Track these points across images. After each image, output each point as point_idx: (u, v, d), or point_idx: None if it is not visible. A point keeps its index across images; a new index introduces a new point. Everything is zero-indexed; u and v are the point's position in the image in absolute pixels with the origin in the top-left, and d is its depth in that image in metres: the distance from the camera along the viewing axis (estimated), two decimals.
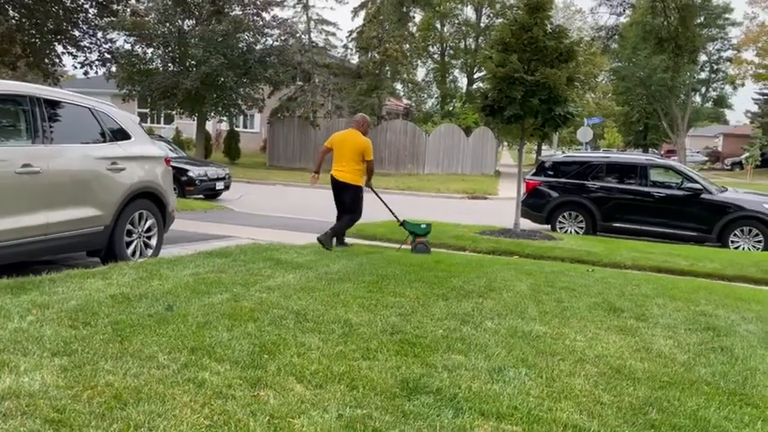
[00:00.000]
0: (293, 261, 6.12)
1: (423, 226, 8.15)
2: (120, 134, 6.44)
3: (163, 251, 6.78)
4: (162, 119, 33.05)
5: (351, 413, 2.65)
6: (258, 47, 25.22)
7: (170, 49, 24.31)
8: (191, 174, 14.37)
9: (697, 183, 11.61)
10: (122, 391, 2.71)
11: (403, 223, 8.24)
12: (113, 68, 24.34)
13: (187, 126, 30.23)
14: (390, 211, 8.39)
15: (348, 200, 7.92)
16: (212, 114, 26.34)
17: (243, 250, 6.59)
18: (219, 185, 15.16)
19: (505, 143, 44.33)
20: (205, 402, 2.66)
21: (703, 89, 50.23)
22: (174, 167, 10.95)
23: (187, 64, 23.94)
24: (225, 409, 2.61)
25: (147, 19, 23.47)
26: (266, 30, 25.41)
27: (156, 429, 2.42)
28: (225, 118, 27.96)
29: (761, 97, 49.10)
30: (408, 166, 26.97)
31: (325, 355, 3.37)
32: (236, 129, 30.62)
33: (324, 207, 14.89)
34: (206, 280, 4.96)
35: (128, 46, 24.53)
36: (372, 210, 8.51)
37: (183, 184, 14.08)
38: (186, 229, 8.98)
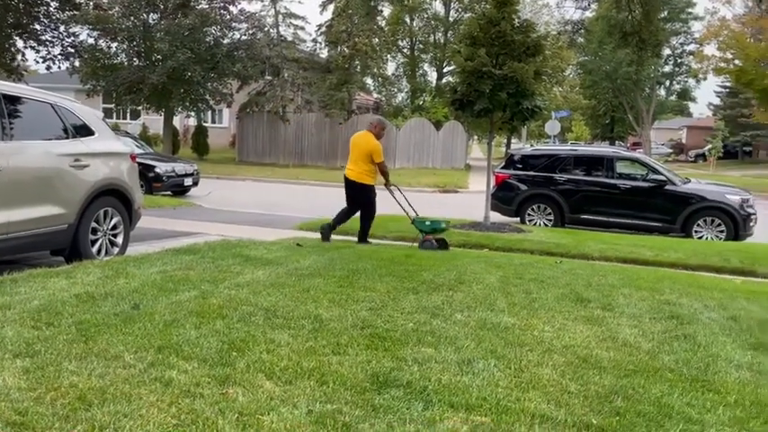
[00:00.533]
0: (263, 257, 6.08)
1: (427, 223, 8.17)
2: (84, 130, 6.30)
3: (130, 249, 6.67)
4: (128, 114, 32.45)
5: (320, 408, 2.65)
6: (226, 41, 24.91)
7: (135, 43, 23.87)
8: (158, 170, 14.15)
9: (661, 174, 11.85)
10: (87, 392, 2.66)
11: (414, 221, 8.27)
12: (77, 63, 23.83)
13: (154, 122, 29.73)
14: (404, 209, 8.39)
15: (353, 195, 8.23)
16: (180, 110, 25.96)
17: (211, 247, 6.52)
18: (188, 181, 14.96)
19: (476, 137, 44.61)
20: (172, 401, 2.63)
21: (667, 82, 51.28)
22: (140, 164, 10.79)
23: (153, 58, 23.54)
24: (192, 407, 2.58)
25: (110, 12, 22.99)
26: (234, 24, 25.10)
27: (121, 430, 2.38)
28: (193, 113, 27.58)
29: (723, 90, 50.32)
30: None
31: (294, 351, 3.36)
32: (205, 124, 30.23)
33: (294, 203, 14.86)
34: (173, 277, 4.89)
35: (91, 40, 24.05)
36: (341, 205, 8.48)
37: (151, 181, 13.86)
38: (154, 226, 8.85)
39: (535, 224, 12.00)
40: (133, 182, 6.78)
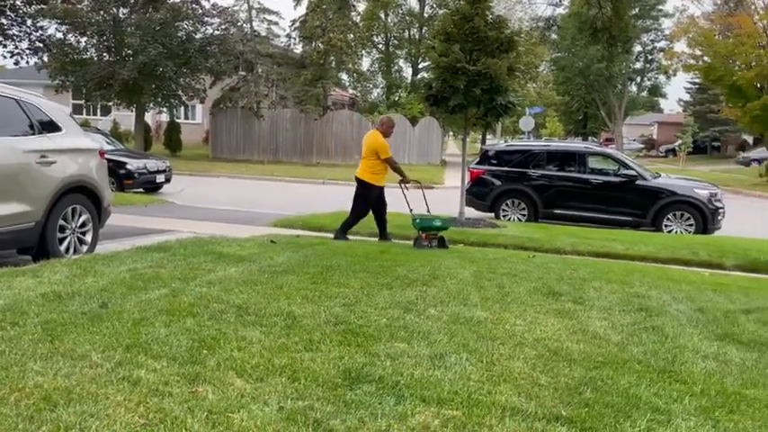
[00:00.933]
0: (235, 254, 6.02)
1: (417, 221, 7.89)
2: (51, 126, 6.17)
3: (99, 247, 6.56)
4: (98, 110, 31.90)
5: (292, 405, 2.63)
6: (198, 36, 24.60)
7: (105, 37, 23.44)
8: (129, 167, 13.94)
9: (632, 169, 12.02)
10: (52, 392, 2.61)
11: (414, 220, 8.06)
12: (45, 58, 23.35)
13: (125, 118, 29.26)
14: (410, 209, 8.26)
15: (362, 194, 8.27)
16: (151, 105, 25.58)
17: (183, 244, 6.44)
18: (160, 178, 14.77)
19: (451, 133, 44.80)
20: (140, 401, 2.59)
21: (639, 79, 51.97)
22: (111, 160, 10.63)
23: (123, 53, 23.16)
24: (161, 406, 2.55)
25: (79, 6, 22.55)
26: (206, 18, 24.79)
27: (87, 430, 2.33)
28: (165, 109, 27.20)
29: (692, 86, 51.24)
30: (356, 157, 26.70)
31: (266, 348, 3.33)
32: (177, 120, 29.84)
33: (268, 199, 14.76)
34: (143, 275, 4.82)
35: (60, 35, 23.57)
36: (316, 201, 8.44)
37: (122, 178, 13.67)
38: (124, 223, 8.72)
39: (509, 219, 12.10)
40: (102, 179, 6.67)
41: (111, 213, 7.08)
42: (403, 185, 8.39)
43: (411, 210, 8.18)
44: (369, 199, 8.26)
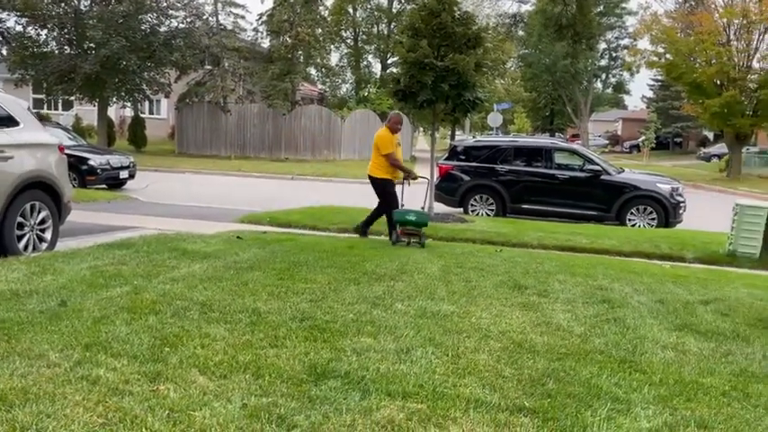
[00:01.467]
0: (200, 251, 5.94)
1: (395, 218, 7.63)
2: (8, 121, 5.99)
3: (60, 244, 6.41)
4: (60, 105, 31.12)
5: (256, 402, 2.61)
6: (163, 29, 24.14)
7: (66, 30, 22.85)
8: (91, 162, 13.64)
9: (597, 165, 12.22)
10: (8, 393, 2.54)
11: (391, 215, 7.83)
12: (4, 51, 22.68)
13: (88, 113, 28.61)
14: (401, 204, 8.11)
15: (375, 191, 8.22)
16: (115, 100, 25.04)
17: (147, 241, 6.33)
18: (124, 174, 14.49)
19: (421, 128, 44.90)
20: (99, 400, 2.54)
21: (604, 75, 52.86)
22: (72, 156, 10.41)
23: (85, 47, 22.61)
24: (121, 405, 2.50)
25: None
26: (171, 11, 24.33)
27: (44, 430, 2.28)
28: (129, 104, 26.66)
29: (655, 83, 52.28)
30: (325, 152, 26.81)
31: (230, 345, 3.30)
32: (142, 115, 29.29)
33: (236, 195, 14.60)
34: (105, 273, 4.73)
35: (19, 27, 22.90)
36: (284, 197, 8.38)
37: (84, 174, 13.37)
38: (86, 220, 8.53)
39: (478, 214, 12.18)
40: (62, 174, 6.50)
41: (73, 210, 6.92)
42: (405, 181, 8.18)
43: (402, 205, 8.02)
44: (385, 191, 8.07)
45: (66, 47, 23.33)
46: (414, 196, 8.46)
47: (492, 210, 12.27)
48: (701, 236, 9.86)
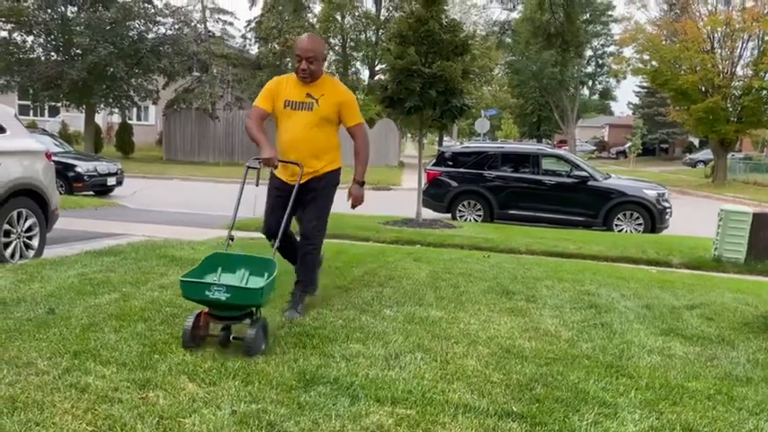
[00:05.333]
0: (189, 257, 5.92)
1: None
2: None
3: (47, 252, 6.36)
4: (46, 111, 30.91)
5: (245, 408, 2.61)
6: (150, 36, 24.13)
7: (53, 37, 22.77)
8: (78, 169, 13.56)
9: (584, 171, 12.33)
10: None
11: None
12: None
13: (75, 119, 28.44)
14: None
15: None
16: (102, 106, 24.95)
17: (135, 248, 6.30)
18: (111, 181, 14.41)
19: (409, 135, 45.02)
20: (88, 408, 2.53)
21: (590, 82, 53.32)
22: (59, 163, 10.35)
23: (72, 53, 22.52)
24: (110, 413, 2.50)
25: (25, 4, 21.82)
26: (158, 18, 24.33)
27: None
28: (116, 110, 26.55)
29: (641, 90, 52.79)
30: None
31: (219, 351, 3.30)
32: (130, 122, 29.18)
33: (224, 202, 14.52)
34: (93, 280, 4.70)
35: (4, 33, 22.75)
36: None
37: (71, 180, 13.29)
38: (74, 227, 8.48)
39: (466, 220, 12.24)
40: (49, 181, 6.47)
41: (60, 217, 6.88)
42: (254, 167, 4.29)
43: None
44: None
45: (52, 53, 23.24)
46: (402, 202, 8.45)
47: (480, 215, 12.33)
48: (687, 241, 9.96)
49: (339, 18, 42.35)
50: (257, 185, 4.13)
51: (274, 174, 4.35)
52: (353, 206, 4.52)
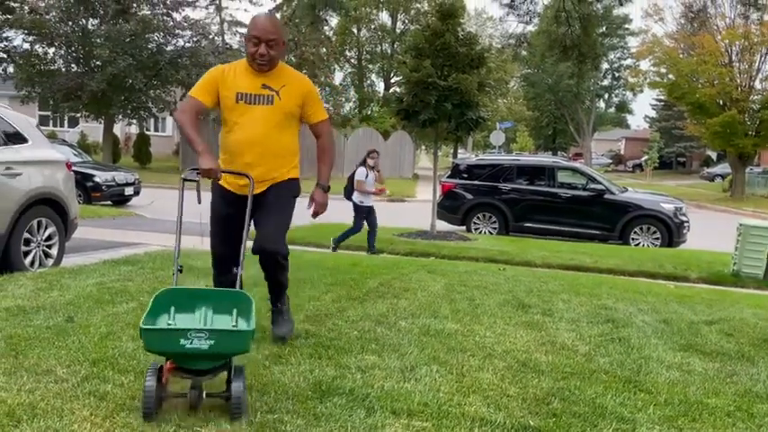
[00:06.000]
0: (206, 267, 5.93)
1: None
2: (16, 137, 6.06)
3: (65, 260, 6.44)
4: (66, 122, 31.36)
5: (261, 418, 2.62)
6: (169, 48, 24.41)
7: (73, 48, 23.11)
8: (97, 179, 13.74)
9: (600, 184, 12.26)
10: (15, 408, 2.56)
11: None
12: (11, 69, 22.92)
13: (93, 130, 28.82)
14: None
15: None
16: (120, 117, 25.25)
17: (152, 257, 6.36)
18: (128, 191, 14.58)
19: (423, 147, 45.11)
20: (107, 416, 2.55)
21: (606, 95, 53.15)
22: (78, 172, 10.48)
23: (92, 65, 22.84)
24: (128, 421, 2.51)
25: (47, 17, 22.20)
26: (177, 30, 24.63)
27: None
28: (134, 121, 26.88)
29: (658, 103, 52.52)
30: None
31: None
32: (147, 132, 29.52)
33: None
34: (111, 289, 4.75)
35: (27, 45, 23.16)
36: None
37: (89, 190, 13.47)
38: (92, 236, 8.58)
39: (480, 232, 12.21)
40: (69, 191, 6.56)
41: (78, 226, 6.96)
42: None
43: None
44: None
45: (73, 65, 23.58)
46: (416, 214, 8.46)
47: (495, 228, 12.29)
48: (705, 256, 9.86)
49: (355, 31, 42.70)
50: (199, 202, 3.40)
51: (219, 183, 3.54)
52: (315, 214, 3.78)
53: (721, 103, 26.06)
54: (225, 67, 3.56)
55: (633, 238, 11.67)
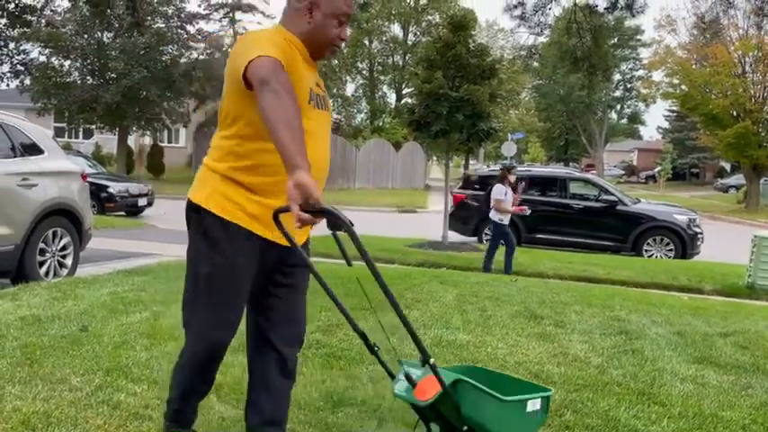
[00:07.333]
0: None
1: None
2: (32, 149, 6.15)
3: (80, 270, 6.50)
4: (81, 134, 31.72)
5: None
6: (183, 60, 24.68)
7: (89, 61, 23.42)
8: (111, 190, 13.87)
9: (613, 195, 12.20)
10: (30, 416, 2.58)
11: None
12: (27, 81, 23.26)
13: (108, 141, 29.12)
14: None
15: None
16: (134, 129, 25.50)
17: (165, 267, 6.41)
18: (142, 202, 14.70)
19: (435, 158, 45.18)
20: (120, 424, 2.57)
21: (618, 106, 52.96)
22: (92, 183, 10.58)
23: (107, 77, 23.13)
24: (141, 430, 2.53)
25: (63, 30, 22.54)
26: (191, 43, 24.92)
27: None
28: (148, 132, 27.14)
29: (671, 114, 52.26)
30: (339, 181, 27.01)
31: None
32: (161, 144, 29.78)
33: None
34: (125, 299, 4.79)
35: (43, 58, 23.51)
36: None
37: (103, 201, 13.58)
38: (106, 247, 8.64)
39: None
40: (84, 202, 6.63)
41: (93, 236, 7.03)
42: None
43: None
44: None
45: (88, 77, 23.88)
46: (428, 225, 8.45)
47: None
48: (719, 268, 9.76)
49: (367, 43, 42.93)
50: (349, 264, 2.14)
51: (242, 226, 2.20)
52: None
53: (735, 114, 25.90)
54: (282, 37, 2.19)
55: (646, 250, 11.58)
